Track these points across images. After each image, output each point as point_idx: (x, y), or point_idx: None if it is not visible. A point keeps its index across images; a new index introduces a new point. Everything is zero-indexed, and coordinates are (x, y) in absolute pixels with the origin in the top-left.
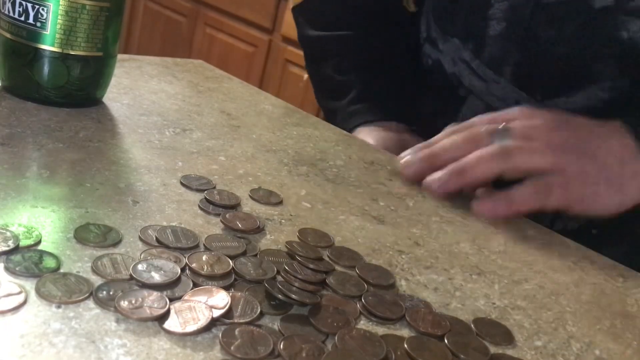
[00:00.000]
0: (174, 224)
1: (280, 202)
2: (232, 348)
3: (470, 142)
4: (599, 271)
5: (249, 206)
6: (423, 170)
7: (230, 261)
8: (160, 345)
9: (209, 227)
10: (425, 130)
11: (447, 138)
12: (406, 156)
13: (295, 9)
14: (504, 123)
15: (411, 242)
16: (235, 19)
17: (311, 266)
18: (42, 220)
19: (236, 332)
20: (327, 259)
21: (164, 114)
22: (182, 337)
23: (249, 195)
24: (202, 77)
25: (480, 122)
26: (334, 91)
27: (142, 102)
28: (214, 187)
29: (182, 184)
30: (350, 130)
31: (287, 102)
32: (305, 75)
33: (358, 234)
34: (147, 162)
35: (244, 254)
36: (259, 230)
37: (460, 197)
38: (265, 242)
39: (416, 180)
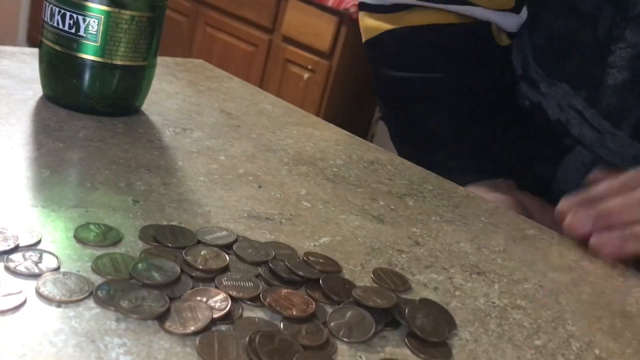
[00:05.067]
0: (173, 224)
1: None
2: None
3: None
4: (599, 271)
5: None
6: (595, 229)
7: (227, 257)
8: (161, 345)
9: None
10: (519, 175)
11: (618, 196)
12: (569, 211)
13: (369, 44)
14: None
15: (411, 241)
16: (236, 18)
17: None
18: (42, 219)
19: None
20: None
21: (164, 113)
22: (182, 337)
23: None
24: (202, 77)
25: None
26: (424, 140)
27: None
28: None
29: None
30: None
31: (287, 101)
32: (306, 75)
33: (358, 233)
34: (147, 161)
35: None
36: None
37: (460, 197)
38: (265, 241)
39: (582, 237)
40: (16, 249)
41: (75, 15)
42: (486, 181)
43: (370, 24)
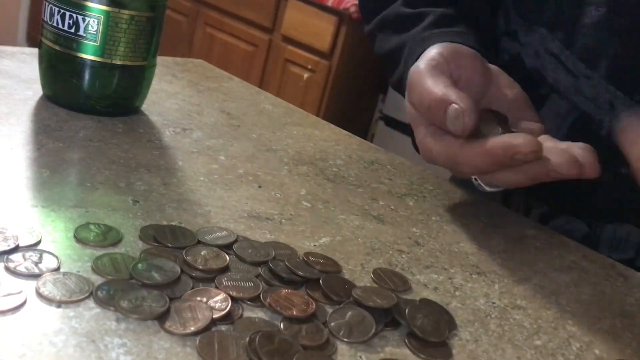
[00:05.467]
0: (173, 224)
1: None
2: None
3: None
4: (599, 271)
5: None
6: None
7: (227, 257)
8: (161, 345)
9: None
10: None
11: None
12: None
13: None
14: None
15: (411, 241)
16: (236, 18)
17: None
18: (42, 219)
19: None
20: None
21: (164, 113)
22: (182, 337)
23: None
24: (202, 77)
25: None
26: (402, 24)
27: None
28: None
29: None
30: (418, 57)
31: (287, 101)
32: (306, 75)
33: (358, 233)
34: (147, 161)
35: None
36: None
37: (460, 197)
38: (265, 241)
39: None
40: (16, 249)
41: (75, 15)
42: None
43: None
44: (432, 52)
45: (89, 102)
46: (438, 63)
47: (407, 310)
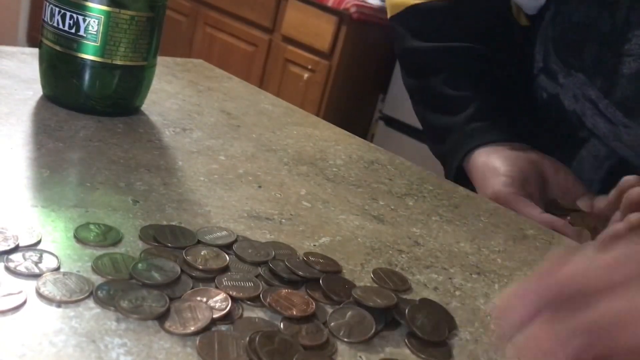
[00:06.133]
0: (173, 224)
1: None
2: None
3: None
4: None
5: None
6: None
7: (227, 257)
8: (161, 345)
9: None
10: None
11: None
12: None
13: (394, 19)
14: None
15: (411, 241)
16: (236, 18)
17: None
18: (42, 219)
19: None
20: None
21: (164, 113)
22: (182, 337)
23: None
24: (202, 77)
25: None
26: (446, 107)
27: None
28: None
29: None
30: (469, 151)
31: (287, 101)
32: (306, 75)
33: (358, 233)
34: (147, 161)
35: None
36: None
37: (460, 197)
38: (265, 241)
39: None
40: (16, 249)
41: (75, 15)
42: (505, 142)
43: (395, 1)
44: (502, 171)
45: (89, 102)
46: (514, 189)
47: (407, 311)
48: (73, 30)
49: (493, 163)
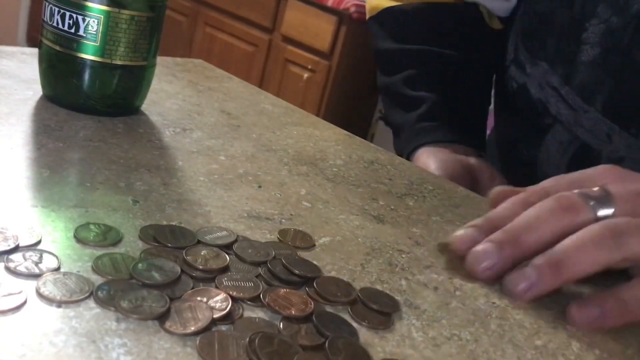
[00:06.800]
0: (173, 224)
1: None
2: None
3: (564, 213)
4: None
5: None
6: (499, 260)
7: (227, 257)
8: (161, 345)
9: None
10: (506, 159)
11: (529, 210)
12: (467, 229)
13: (371, 20)
14: (597, 187)
15: (411, 241)
16: (236, 18)
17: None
18: (42, 219)
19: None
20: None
21: (164, 113)
22: (182, 337)
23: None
24: (202, 77)
25: (558, 186)
26: (403, 105)
27: None
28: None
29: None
30: (414, 148)
31: (287, 101)
32: (306, 75)
33: (358, 233)
34: (147, 161)
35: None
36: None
37: (460, 197)
38: (265, 240)
39: (490, 275)
40: (16, 249)
41: (75, 15)
42: (447, 144)
43: (374, 2)
44: (430, 169)
45: (89, 102)
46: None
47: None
48: (73, 30)
49: (429, 164)
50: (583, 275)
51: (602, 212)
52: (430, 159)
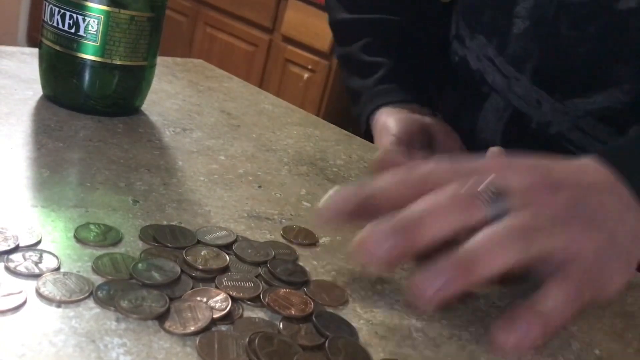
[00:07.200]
0: (173, 224)
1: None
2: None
3: (459, 211)
4: None
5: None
6: (397, 251)
7: (227, 257)
8: (160, 345)
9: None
10: (450, 126)
11: (420, 200)
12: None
13: None
14: (488, 181)
15: None
16: (236, 18)
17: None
18: (42, 219)
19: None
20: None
21: (164, 113)
22: (182, 337)
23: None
24: (202, 77)
25: (441, 172)
26: (361, 71)
27: None
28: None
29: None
30: (372, 110)
31: (287, 101)
32: (306, 75)
33: (358, 233)
34: (147, 161)
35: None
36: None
37: None
38: (265, 240)
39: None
40: (16, 249)
41: (75, 15)
42: (404, 104)
43: None
44: (392, 131)
45: (89, 102)
46: (400, 148)
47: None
48: (73, 30)
49: (388, 123)
50: (494, 274)
51: (496, 208)
52: (389, 119)
